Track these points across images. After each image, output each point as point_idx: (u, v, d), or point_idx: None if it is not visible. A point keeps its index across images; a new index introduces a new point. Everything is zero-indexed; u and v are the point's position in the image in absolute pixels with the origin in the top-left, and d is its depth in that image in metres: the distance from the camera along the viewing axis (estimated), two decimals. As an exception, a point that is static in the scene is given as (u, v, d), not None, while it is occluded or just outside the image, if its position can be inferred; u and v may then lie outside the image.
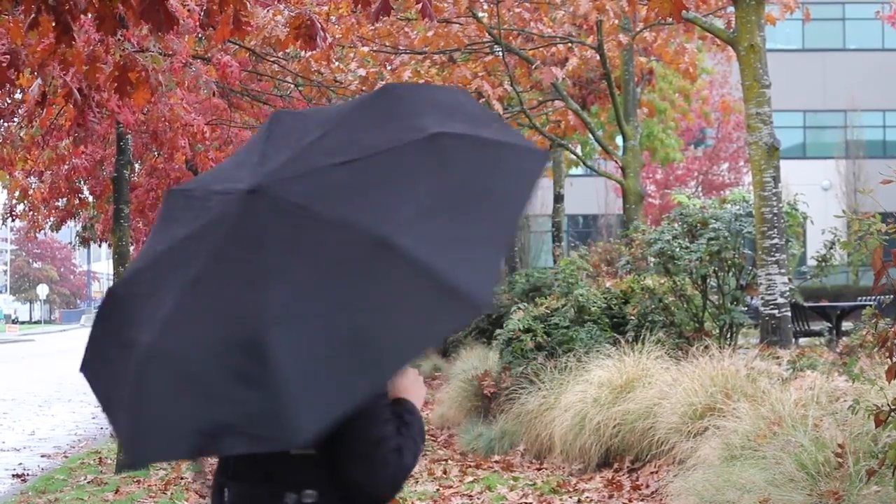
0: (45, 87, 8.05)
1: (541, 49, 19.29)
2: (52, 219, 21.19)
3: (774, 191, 11.75)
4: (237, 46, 14.18)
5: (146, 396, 2.71)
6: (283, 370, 2.53)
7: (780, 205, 11.94)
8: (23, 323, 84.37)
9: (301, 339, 2.56)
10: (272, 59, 15.82)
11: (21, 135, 12.35)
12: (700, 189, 40.70)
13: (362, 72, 16.94)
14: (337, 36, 15.73)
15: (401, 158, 2.74)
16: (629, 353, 10.92)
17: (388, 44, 17.96)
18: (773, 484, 6.93)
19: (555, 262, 22.39)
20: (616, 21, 17.81)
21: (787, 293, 11.83)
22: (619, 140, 22.62)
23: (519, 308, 13.43)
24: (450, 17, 16.87)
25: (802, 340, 17.33)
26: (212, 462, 2.93)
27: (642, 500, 8.87)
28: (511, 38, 18.78)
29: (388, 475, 2.75)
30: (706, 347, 10.75)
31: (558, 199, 25.76)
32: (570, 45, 18.84)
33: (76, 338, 50.82)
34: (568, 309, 12.84)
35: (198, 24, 8.41)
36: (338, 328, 2.56)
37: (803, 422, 7.44)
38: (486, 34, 18.02)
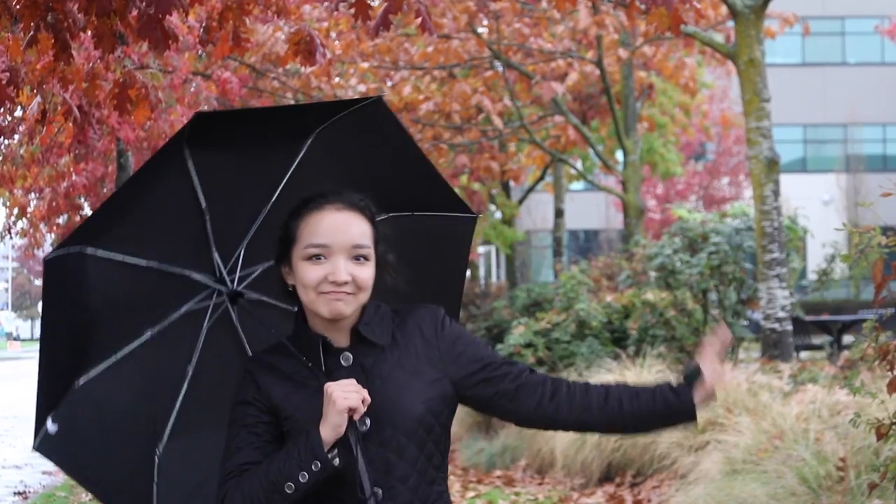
0: (45, 104, 8.05)
1: (541, 64, 19.33)
2: (52, 235, 21.12)
3: (775, 205, 11.75)
4: (237, 63, 14.22)
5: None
6: None
7: (781, 219, 11.94)
8: (24, 340, 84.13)
9: None
10: (272, 76, 15.85)
11: (21, 152, 12.35)
12: (700, 203, 40.68)
13: (363, 87, 16.98)
14: (337, 52, 15.77)
15: None
16: (630, 368, 10.90)
17: (388, 59, 17.99)
18: (775, 498, 6.91)
19: (556, 276, 22.36)
20: (615, 36, 17.86)
21: (788, 307, 11.82)
22: (619, 155, 22.61)
23: (520, 323, 13.43)
24: (449, 33, 16.90)
25: (803, 354, 17.31)
26: None
27: (644, 514, 8.86)
28: (511, 53, 18.81)
29: None
30: (707, 361, 10.70)
31: (559, 214, 25.74)
32: (569, 60, 18.88)
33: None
34: (569, 323, 12.84)
35: (197, 40, 8.42)
36: None
37: (805, 435, 7.43)
38: (486, 49, 18.05)
